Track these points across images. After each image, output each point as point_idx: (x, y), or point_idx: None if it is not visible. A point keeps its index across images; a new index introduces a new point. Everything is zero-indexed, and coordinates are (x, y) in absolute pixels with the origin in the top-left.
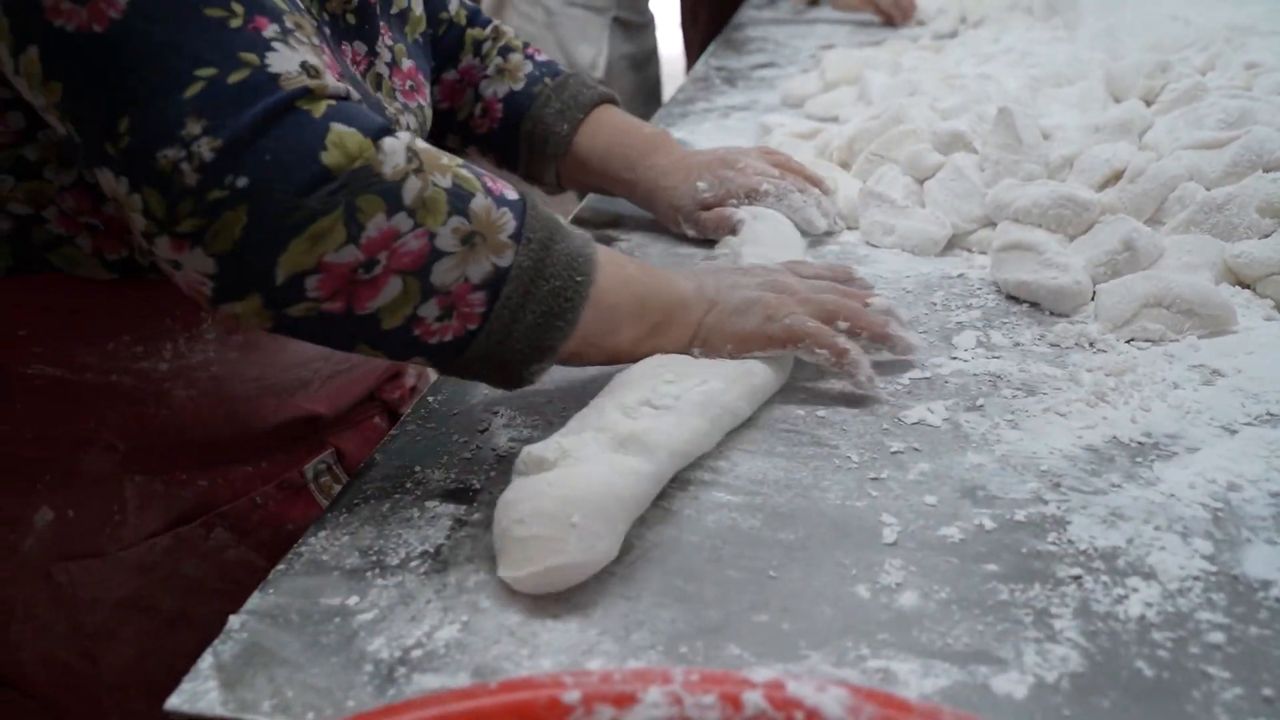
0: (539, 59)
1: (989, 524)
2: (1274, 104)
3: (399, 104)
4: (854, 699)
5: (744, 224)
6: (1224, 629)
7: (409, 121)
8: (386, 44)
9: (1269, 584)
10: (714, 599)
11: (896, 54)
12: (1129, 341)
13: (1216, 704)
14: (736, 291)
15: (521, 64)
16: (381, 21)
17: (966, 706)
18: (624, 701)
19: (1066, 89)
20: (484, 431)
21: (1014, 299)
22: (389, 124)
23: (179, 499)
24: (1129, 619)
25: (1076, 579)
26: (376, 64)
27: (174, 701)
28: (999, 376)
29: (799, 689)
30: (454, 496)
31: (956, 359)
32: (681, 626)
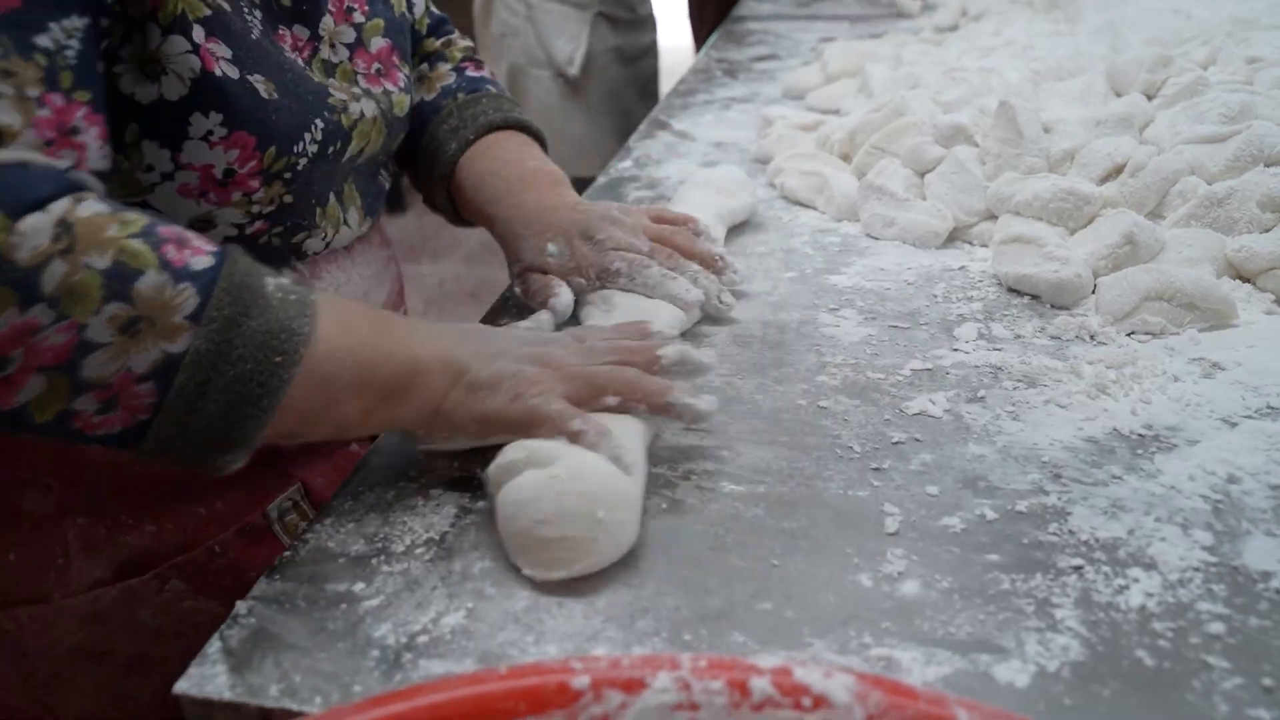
0: (469, 74)
1: (990, 514)
2: (1275, 98)
3: (360, 89)
4: (860, 685)
5: (587, 310)
6: (1224, 619)
7: (364, 109)
8: (354, 22)
9: (1269, 575)
10: (718, 587)
11: (898, 47)
12: (1130, 334)
13: (1216, 693)
14: (493, 362)
15: (444, 75)
16: None
17: (968, 694)
18: (633, 687)
19: (1068, 82)
20: None
21: (1015, 292)
22: (58, 192)
23: (125, 545)
24: (1130, 609)
25: (1077, 569)
26: (322, 49)
27: (182, 685)
28: (1000, 368)
29: (806, 675)
30: (458, 484)
31: (958, 350)
32: (686, 614)
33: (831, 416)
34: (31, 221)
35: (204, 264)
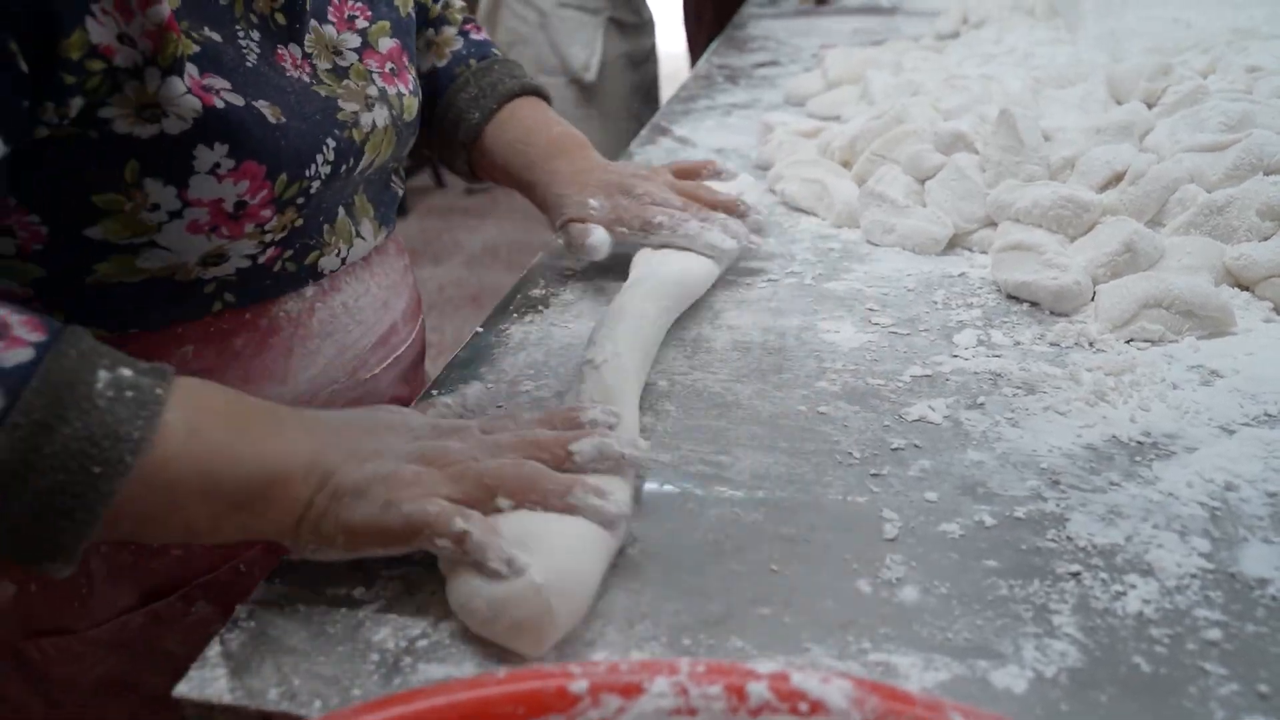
0: (473, 37)
1: (989, 520)
2: (1275, 107)
3: (376, 88)
4: (858, 691)
5: (635, 266)
6: (1221, 626)
7: (375, 120)
8: (358, 28)
9: (1265, 582)
10: (717, 592)
11: (899, 54)
12: (1129, 342)
13: (1212, 699)
14: (366, 463)
15: (451, 40)
16: (350, 3)
17: (966, 700)
18: (631, 692)
19: (1068, 90)
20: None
21: (1014, 299)
22: None
23: (150, 571)
24: (1127, 615)
25: (1075, 575)
26: (319, 60)
27: (182, 689)
28: (999, 375)
29: (803, 680)
30: None
31: (957, 357)
32: (685, 618)
33: (831, 422)
34: None
35: (18, 359)
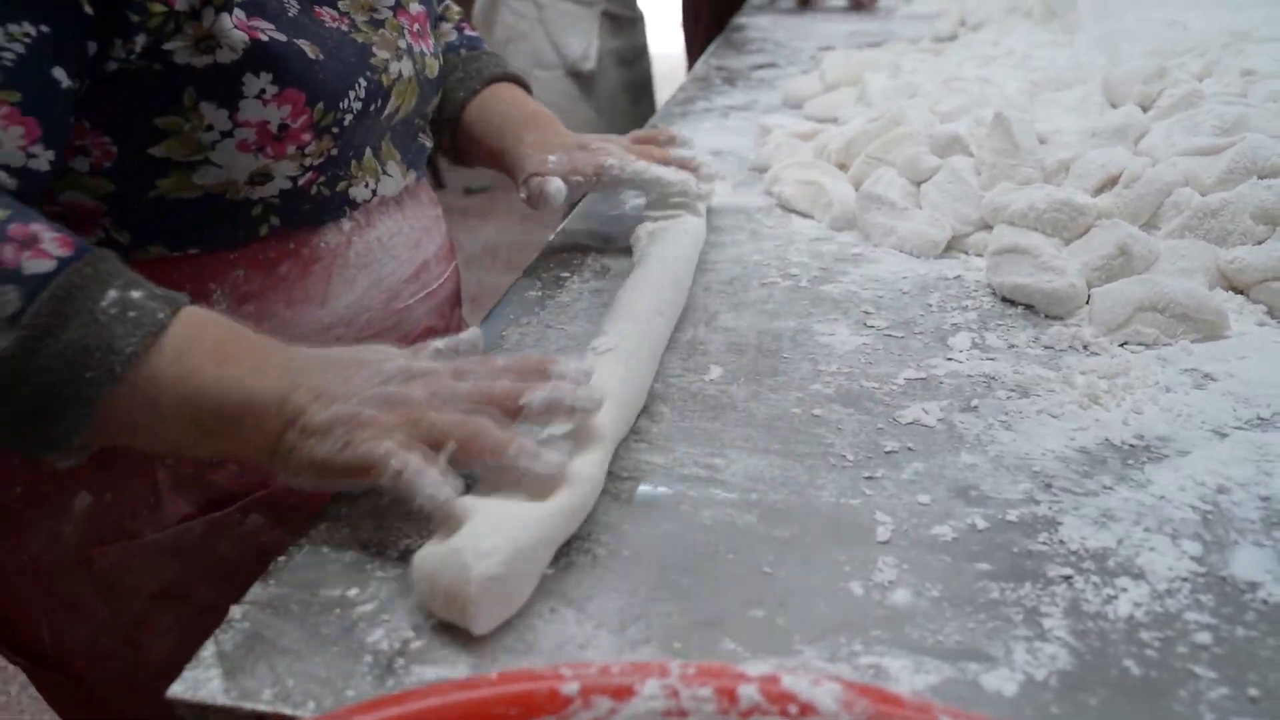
0: (466, 33)
1: (981, 523)
2: (1269, 111)
3: (404, 43)
4: (847, 693)
5: (639, 241)
6: (1211, 629)
7: (403, 69)
8: None
9: (1256, 585)
10: (710, 594)
11: (897, 56)
12: (1122, 345)
13: (1202, 703)
14: (331, 405)
15: (446, 33)
16: None
17: (956, 703)
18: (622, 694)
19: (1064, 93)
20: None
21: (1009, 301)
22: None
23: (210, 484)
24: (1118, 618)
25: (1067, 579)
26: (355, 14)
27: (176, 689)
28: (993, 378)
29: (794, 683)
30: None
31: (952, 360)
32: (677, 620)
33: (825, 425)
34: None
35: (40, 268)
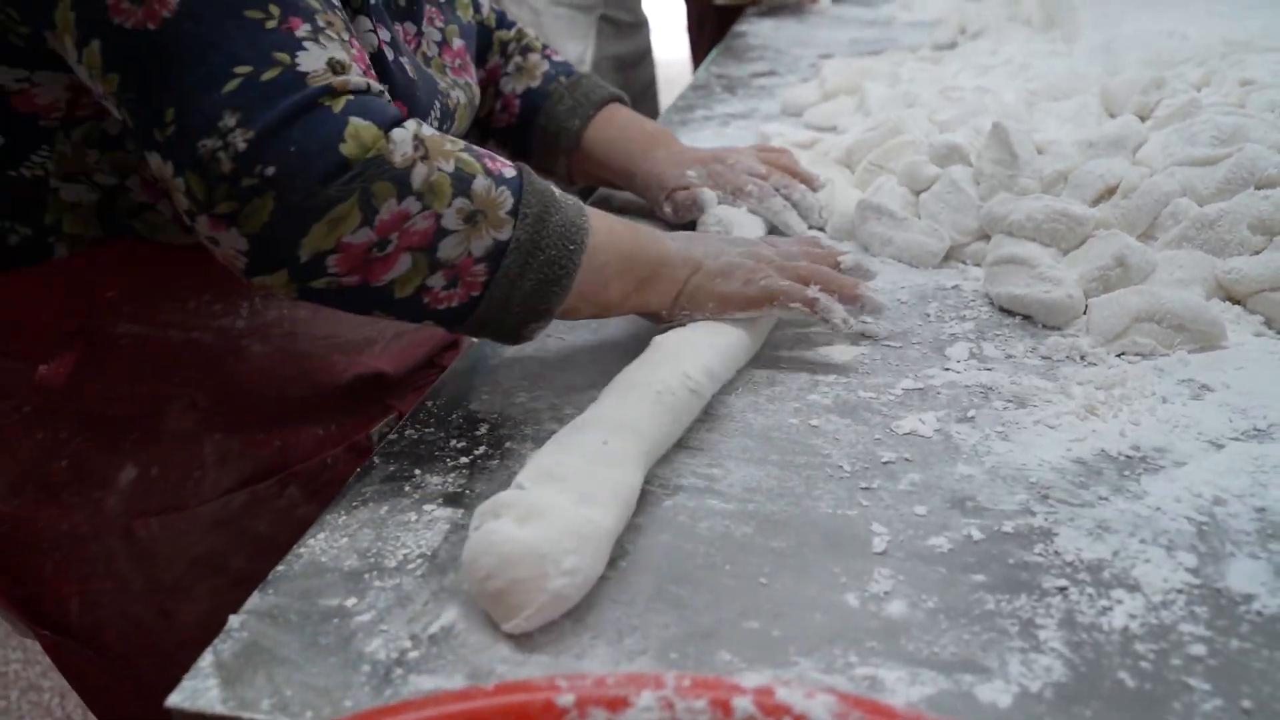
0: (555, 59)
1: (977, 535)
2: (1267, 121)
3: (449, 79)
4: (841, 705)
5: (710, 213)
6: (1206, 641)
7: (459, 97)
8: (437, 25)
9: (1251, 598)
10: (706, 605)
11: (896, 64)
12: (1120, 355)
13: (1197, 715)
14: (720, 257)
15: (539, 63)
16: (430, 5)
17: (951, 714)
18: (617, 705)
19: (1063, 103)
20: (480, 436)
21: (1007, 312)
22: (400, 115)
23: (254, 458)
24: (1113, 630)
25: (1062, 590)
26: (424, 43)
27: (174, 699)
28: (990, 388)
29: (788, 695)
30: (451, 500)
31: (949, 370)
32: (674, 631)
33: (822, 435)
34: (398, 134)
35: (510, 173)
